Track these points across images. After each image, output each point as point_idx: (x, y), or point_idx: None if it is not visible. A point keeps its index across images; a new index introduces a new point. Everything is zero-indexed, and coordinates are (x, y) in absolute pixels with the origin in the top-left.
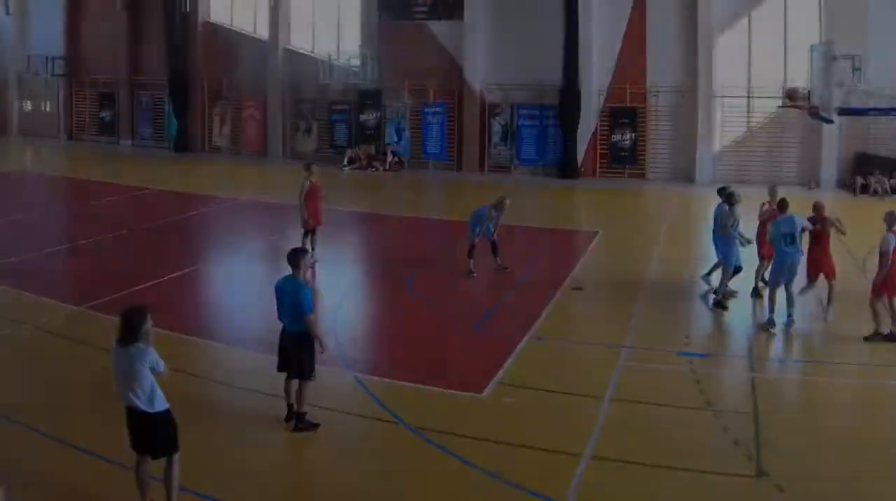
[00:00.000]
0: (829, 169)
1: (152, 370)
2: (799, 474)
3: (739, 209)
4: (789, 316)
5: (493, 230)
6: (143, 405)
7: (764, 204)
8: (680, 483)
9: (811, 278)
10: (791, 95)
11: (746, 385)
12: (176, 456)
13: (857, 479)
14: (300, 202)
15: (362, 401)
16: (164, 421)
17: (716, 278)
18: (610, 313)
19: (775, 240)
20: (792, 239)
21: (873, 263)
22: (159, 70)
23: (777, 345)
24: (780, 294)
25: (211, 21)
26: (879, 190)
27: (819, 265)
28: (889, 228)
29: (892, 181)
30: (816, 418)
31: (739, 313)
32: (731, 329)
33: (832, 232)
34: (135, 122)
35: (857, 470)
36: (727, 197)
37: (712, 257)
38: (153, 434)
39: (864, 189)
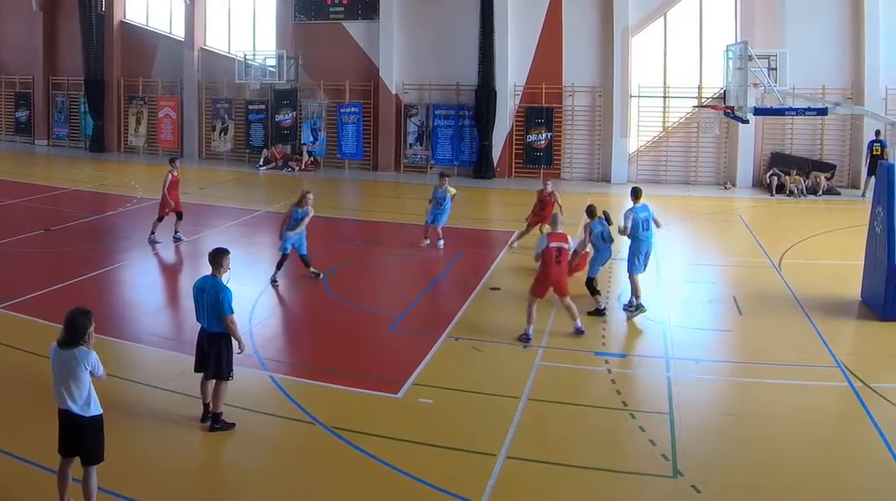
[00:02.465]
0: (745, 169)
1: (91, 373)
2: (715, 474)
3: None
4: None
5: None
6: (77, 408)
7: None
8: (596, 483)
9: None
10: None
11: (663, 385)
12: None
13: (773, 480)
14: (164, 192)
15: (278, 401)
16: (95, 427)
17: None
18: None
19: (634, 227)
20: (647, 225)
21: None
22: (75, 70)
23: (694, 346)
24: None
25: (127, 21)
26: (795, 190)
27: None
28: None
29: (807, 181)
30: (733, 419)
31: (657, 314)
32: (647, 330)
33: None
34: (51, 122)
35: (773, 471)
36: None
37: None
38: (84, 439)
39: (780, 189)
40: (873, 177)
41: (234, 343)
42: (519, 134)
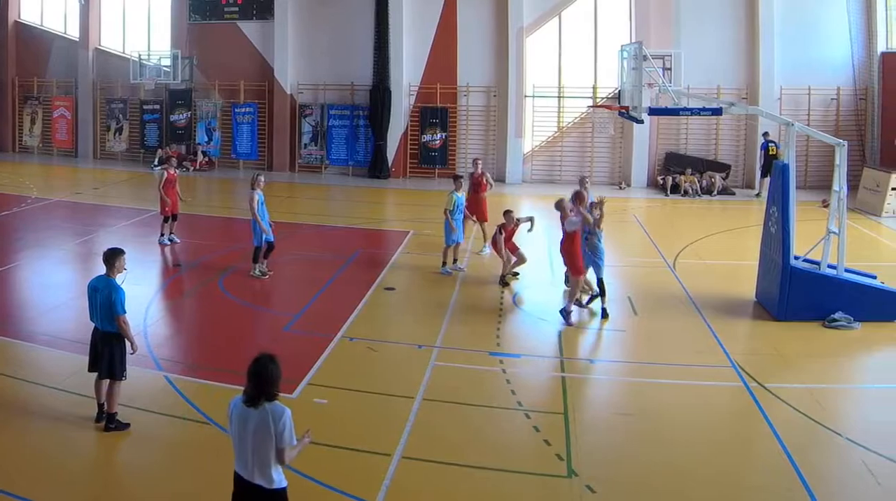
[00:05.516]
0: (640, 169)
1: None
2: (610, 474)
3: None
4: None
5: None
6: (266, 483)
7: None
8: (491, 483)
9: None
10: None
11: (558, 385)
12: None
13: (669, 479)
14: (159, 191)
15: (173, 402)
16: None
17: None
18: (422, 313)
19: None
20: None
21: None
22: None
23: (589, 346)
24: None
25: (21, 21)
26: (690, 190)
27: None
28: None
29: (702, 181)
30: (627, 418)
31: (552, 314)
32: (542, 330)
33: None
34: None
35: (668, 471)
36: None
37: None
38: None
39: (675, 189)
40: (767, 176)
41: (128, 343)
42: (414, 134)
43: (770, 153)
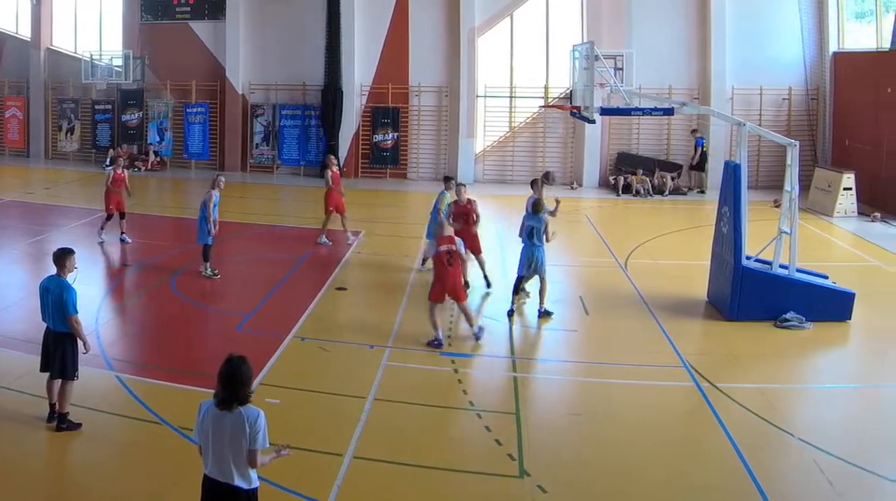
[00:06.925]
0: (592, 169)
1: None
2: (561, 474)
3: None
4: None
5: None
6: (245, 484)
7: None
8: (443, 483)
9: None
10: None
11: (509, 385)
12: None
13: (621, 479)
14: (106, 189)
15: (125, 401)
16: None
17: None
18: (373, 313)
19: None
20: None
21: None
22: None
23: (540, 346)
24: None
25: None
26: (642, 190)
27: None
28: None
29: (654, 181)
30: (579, 418)
31: (504, 314)
32: (494, 330)
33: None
34: None
35: (620, 471)
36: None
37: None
38: None
39: (627, 189)
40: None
41: (80, 343)
42: (365, 134)
43: (704, 149)
